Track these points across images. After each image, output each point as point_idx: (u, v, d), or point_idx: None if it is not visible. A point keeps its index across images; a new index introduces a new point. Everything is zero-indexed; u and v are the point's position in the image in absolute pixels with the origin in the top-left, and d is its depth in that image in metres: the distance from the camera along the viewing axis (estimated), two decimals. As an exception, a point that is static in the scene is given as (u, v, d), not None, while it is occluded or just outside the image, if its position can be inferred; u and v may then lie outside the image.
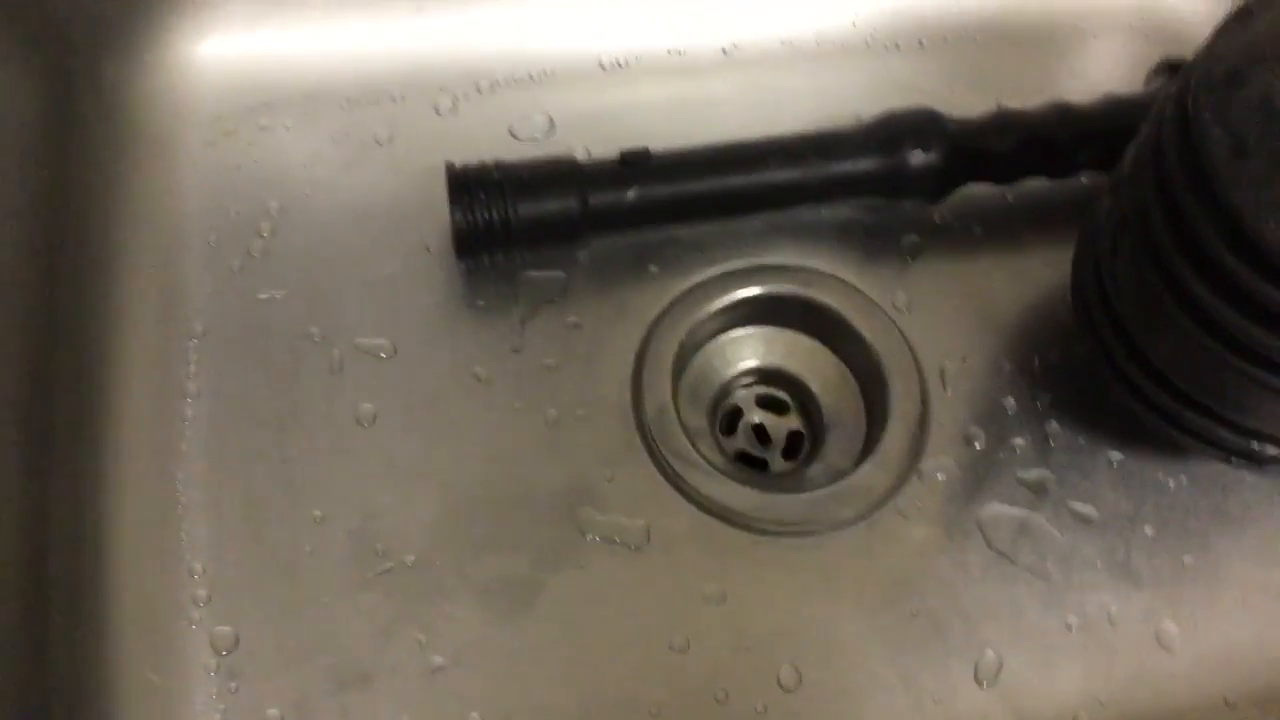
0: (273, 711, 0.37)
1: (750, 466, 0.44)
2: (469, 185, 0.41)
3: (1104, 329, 0.39)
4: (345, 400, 0.42)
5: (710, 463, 0.42)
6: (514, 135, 0.48)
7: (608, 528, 0.40)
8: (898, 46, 0.51)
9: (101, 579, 0.38)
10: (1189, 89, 0.33)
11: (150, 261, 0.44)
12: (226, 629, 0.38)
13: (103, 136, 0.45)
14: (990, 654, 0.39)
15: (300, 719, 0.37)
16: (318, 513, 0.40)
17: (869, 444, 0.43)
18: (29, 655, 0.36)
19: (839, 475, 0.42)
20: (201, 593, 0.38)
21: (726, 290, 0.45)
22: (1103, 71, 0.52)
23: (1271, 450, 0.36)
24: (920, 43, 0.51)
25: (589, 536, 0.40)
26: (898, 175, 0.44)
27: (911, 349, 0.44)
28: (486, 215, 0.41)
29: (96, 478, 0.39)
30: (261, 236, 0.44)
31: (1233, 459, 0.38)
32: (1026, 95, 0.45)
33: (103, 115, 0.45)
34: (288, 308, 0.43)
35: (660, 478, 0.41)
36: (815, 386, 0.45)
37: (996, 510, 0.41)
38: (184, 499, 0.40)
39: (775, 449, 0.45)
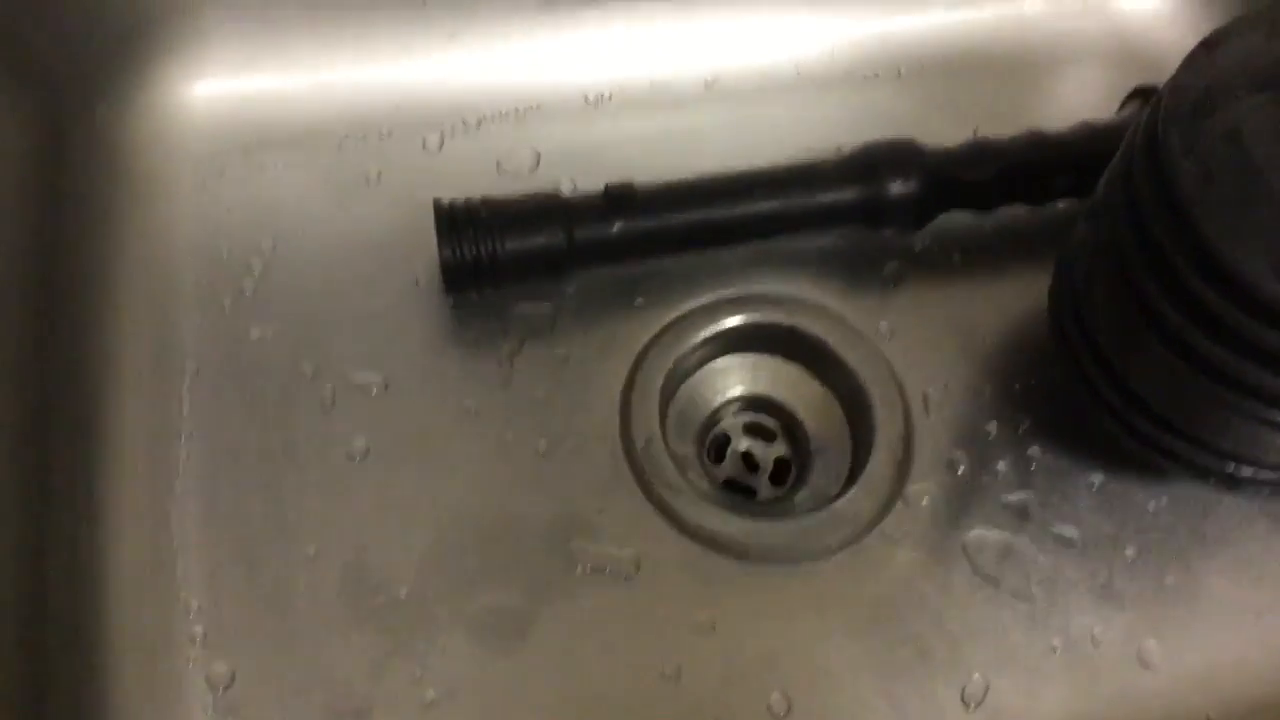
0: (269, 747, 0.37)
1: (738, 493, 0.45)
2: (456, 222, 0.42)
3: (1082, 355, 0.39)
4: (337, 436, 0.42)
5: (698, 491, 0.42)
6: (501, 169, 0.48)
7: (598, 558, 0.41)
8: (876, 76, 0.52)
9: (99, 617, 0.38)
10: (1158, 119, 0.34)
11: (143, 302, 0.44)
12: (223, 666, 0.38)
13: (94, 178, 0.45)
14: (977, 677, 0.40)
15: (296, 754, 0.37)
16: (311, 549, 0.40)
17: (854, 470, 0.44)
18: (28, 694, 0.36)
19: (826, 501, 0.43)
20: (198, 630, 0.39)
21: (712, 320, 0.45)
22: (1078, 98, 0.52)
23: (1246, 471, 0.37)
24: (898, 72, 0.52)
25: (580, 567, 0.41)
26: (877, 204, 0.44)
27: (895, 375, 0.44)
28: (474, 251, 0.42)
29: (92, 517, 0.40)
30: (253, 275, 0.45)
31: (1210, 480, 0.38)
32: (1003, 122, 0.46)
33: (94, 156, 0.46)
34: (280, 344, 0.44)
35: (650, 507, 0.42)
36: (801, 413, 0.46)
37: (981, 534, 0.42)
38: (179, 538, 0.40)
39: (763, 475, 0.46)
